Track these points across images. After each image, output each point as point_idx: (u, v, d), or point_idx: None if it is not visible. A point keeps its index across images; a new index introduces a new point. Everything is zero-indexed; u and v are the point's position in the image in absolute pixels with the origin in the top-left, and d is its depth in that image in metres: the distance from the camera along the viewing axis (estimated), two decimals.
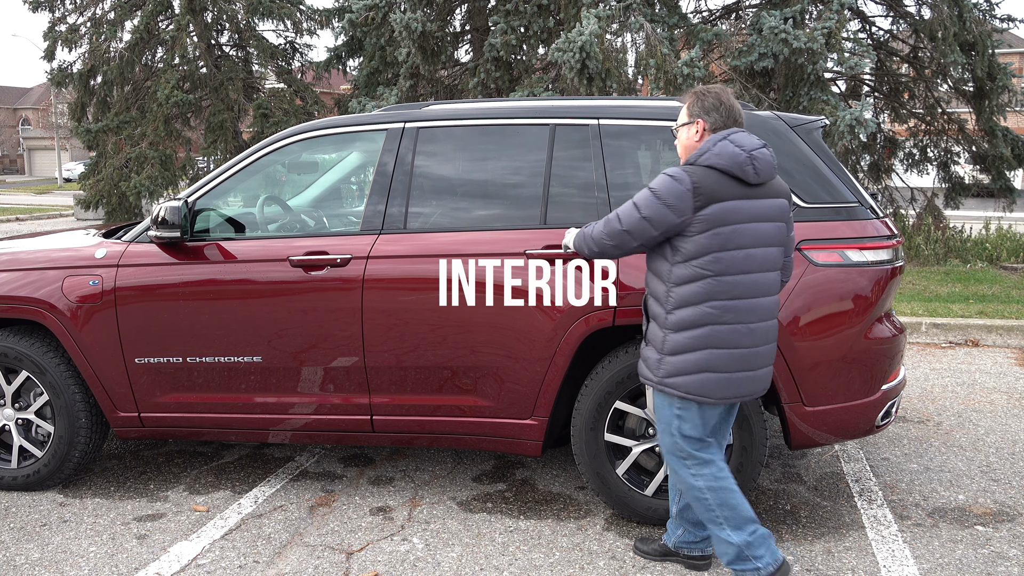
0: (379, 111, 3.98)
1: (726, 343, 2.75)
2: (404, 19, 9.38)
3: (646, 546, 3.24)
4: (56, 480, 3.90)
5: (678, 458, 2.88)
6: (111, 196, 13.70)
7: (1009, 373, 6.03)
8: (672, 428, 2.85)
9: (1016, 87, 10.66)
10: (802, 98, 8.84)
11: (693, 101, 2.85)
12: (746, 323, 2.77)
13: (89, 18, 14.62)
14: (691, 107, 2.85)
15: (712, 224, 2.69)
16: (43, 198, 29.23)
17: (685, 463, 2.87)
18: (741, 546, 2.82)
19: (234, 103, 13.91)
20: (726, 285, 2.72)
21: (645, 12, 8.95)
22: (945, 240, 10.96)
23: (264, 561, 3.26)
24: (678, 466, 2.89)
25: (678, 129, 2.91)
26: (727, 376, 2.78)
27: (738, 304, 2.74)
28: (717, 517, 2.85)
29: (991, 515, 3.66)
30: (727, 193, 2.70)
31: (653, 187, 2.74)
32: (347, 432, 3.73)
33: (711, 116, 2.81)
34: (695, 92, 2.88)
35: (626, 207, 2.80)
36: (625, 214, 2.79)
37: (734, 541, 2.83)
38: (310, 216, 4.36)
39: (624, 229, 2.78)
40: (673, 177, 2.71)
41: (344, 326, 3.55)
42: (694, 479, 2.85)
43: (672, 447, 2.88)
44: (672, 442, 2.87)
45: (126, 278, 3.69)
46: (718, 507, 2.84)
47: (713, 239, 2.70)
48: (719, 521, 2.85)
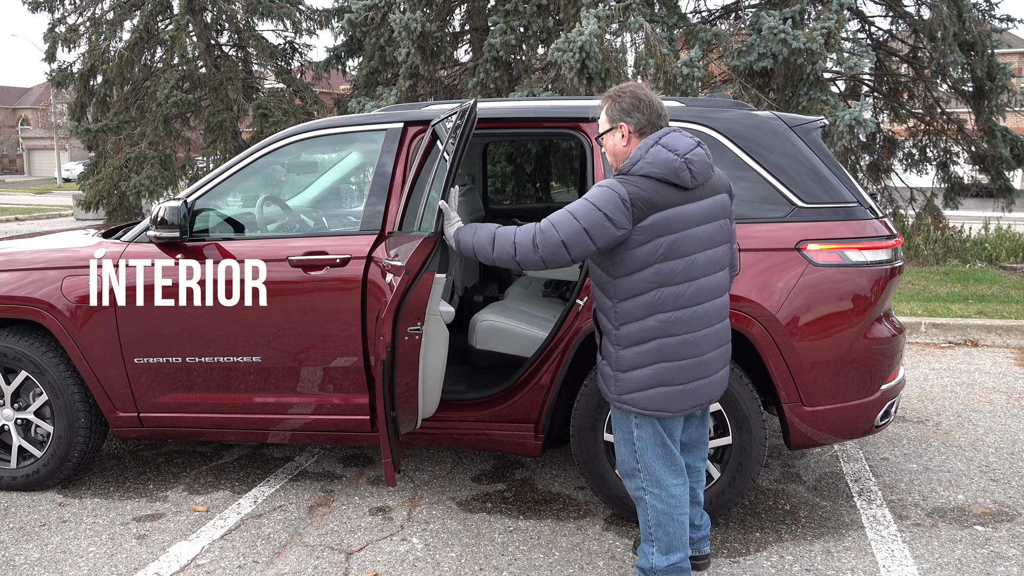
0: (378, 111, 3.98)
1: (675, 355, 2.65)
2: (403, 19, 9.38)
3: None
4: (55, 480, 3.90)
5: (632, 470, 2.79)
6: (111, 196, 13.70)
7: (1008, 373, 6.04)
8: (633, 439, 2.76)
9: (1015, 87, 10.66)
10: (801, 98, 8.84)
11: (610, 105, 2.70)
12: (693, 332, 2.66)
13: (88, 18, 14.62)
14: (609, 111, 2.70)
15: (653, 235, 2.56)
16: (42, 198, 29.22)
17: (640, 476, 2.78)
18: (657, 569, 2.80)
19: (233, 103, 13.91)
20: (670, 296, 2.61)
21: (645, 12, 8.95)
22: (944, 240, 10.96)
23: (263, 561, 3.26)
24: (630, 477, 2.81)
25: (602, 137, 2.75)
26: (681, 388, 2.68)
27: (683, 314, 2.63)
28: (650, 535, 2.81)
29: (990, 515, 3.66)
30: (666, 201, 2.56)
31: (590, 198, 2.56)
32: (347, 432, 3.73)
33: (633, 117, 2.66)
34: (610, 95, 2.72)
35: (562, 217, 2.59)
36: (562, 224, 2.57)
37: (653, 562, 2.81)
38: (309, 216, 4.36)
39: (562, 240, 2.57)
40: (609, 188, 2.55)
41: (344, 326, 3.54)
42: (644, 493, 2.78)
43: (628, 457, 2.79)
44: (630, 453, 2.78)
45: (126, 278, 3.69)
46: (655, 526, 2.79)
47: (654, 250, 2.57)
48: (650, 537, 2.82)
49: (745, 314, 3.25)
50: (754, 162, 3.39)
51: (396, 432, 3.07)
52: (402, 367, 3.06)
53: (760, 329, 3.26)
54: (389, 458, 3.02)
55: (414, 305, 3.04)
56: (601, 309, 2.74)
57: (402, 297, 2.95)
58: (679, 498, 2.77)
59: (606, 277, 2.67)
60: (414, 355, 3.14)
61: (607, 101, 2.73)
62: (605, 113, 2.73)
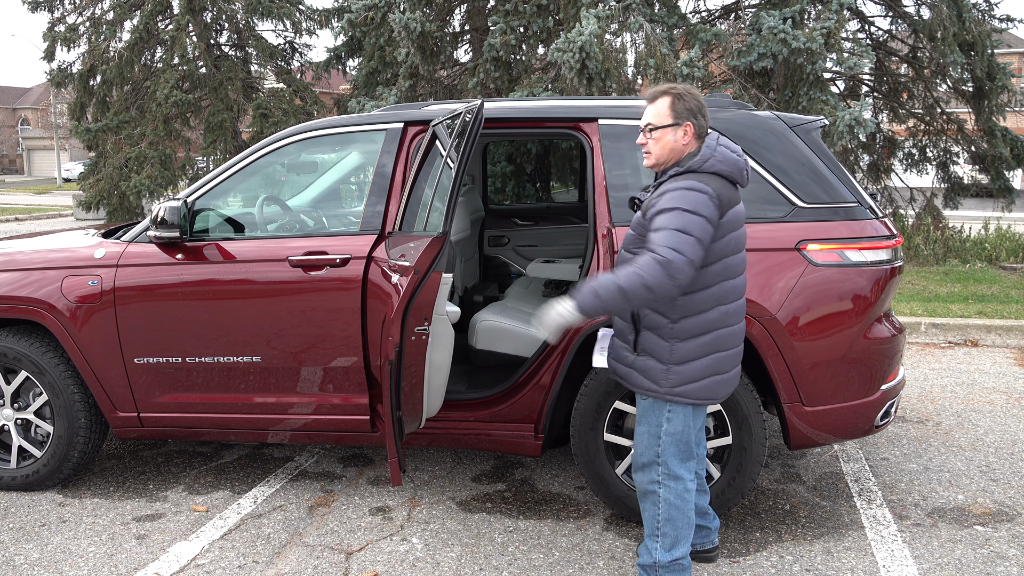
0: (378, 111, 3.98)
1: (727, 344, 2.76)
2: (403, 19, 9.38)
3: None
4: (55, 480, 3.90)
5: (651, 463, 2.81)
6: (111, 196, 13.69)
7: (1008, 373, 6.04)
8: (660, 432, 2.78)
9: (1015, 87, 10.66)
10: (801, 98, 8.84)
11: (674, 101, 2.70)
12: (739, 322, 2.81)
13: (88, 18, 14.61)
14: (675, 107, 2.70)
15: (726, 230, 2.67)
16: (42, 198, 29.22)
17: (657, 470, 2.80)
18: (661, 564, 2.82)
19: (233, 103, 13.90)
20: (730, 289, 2.74)
21: (644, 12, 8.95)
22: (944, 240, 10.96)
23: (263, 561, 3.26)
24: (645, 470, 2.82)
25: (658, 130, 2.72)
26: (727, 376, 2.79)
27: (734, 305, 2.77)
28: (658, 530, 2.82)
29: (990, 515, 3.66)
30: (730, 198, 2.68)
31: (686, 206, 2.56)
32: (346, 432, 3.73)
33: (698, 120, 2.71)
34: (673, 92, 2.72)
35: (677, 239, 2.52)
36: (683, 245, 2.52)
37: (657, 557, 2.83)
38: (309, 216, 4.36)
39: (690, 259, 2.52)
40: (697, 190, 2.59)
41: (344, 326, 3.54)
42: (659, 488, 2.80)
43: (648, 450, 2.81)
44: (652, 446, 2.80)
45: (125, 278, 3.69)
46: (665, 521, 2.81)
47: (725, 246, 2.68)
48: (656, 533, 2.83)
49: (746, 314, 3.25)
50: (754, 162, 3.39)
51: (401, 432, 3.07)
52: (408, 367, 3.06)
53: (760, 329, 3.27)
54: (395, 458, 3.02)
55: (421, 305, 3.04)
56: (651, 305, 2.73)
57: (410, 297, 2.95)
58: (691, 492, 2.83)
59: None
60: (420, 355, 3.14)
61: (668, 97, 2.72)
62: (669, 108, 2.71)
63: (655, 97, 2.76)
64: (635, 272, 2.52)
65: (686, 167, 2.69)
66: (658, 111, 2.73)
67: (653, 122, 2.74)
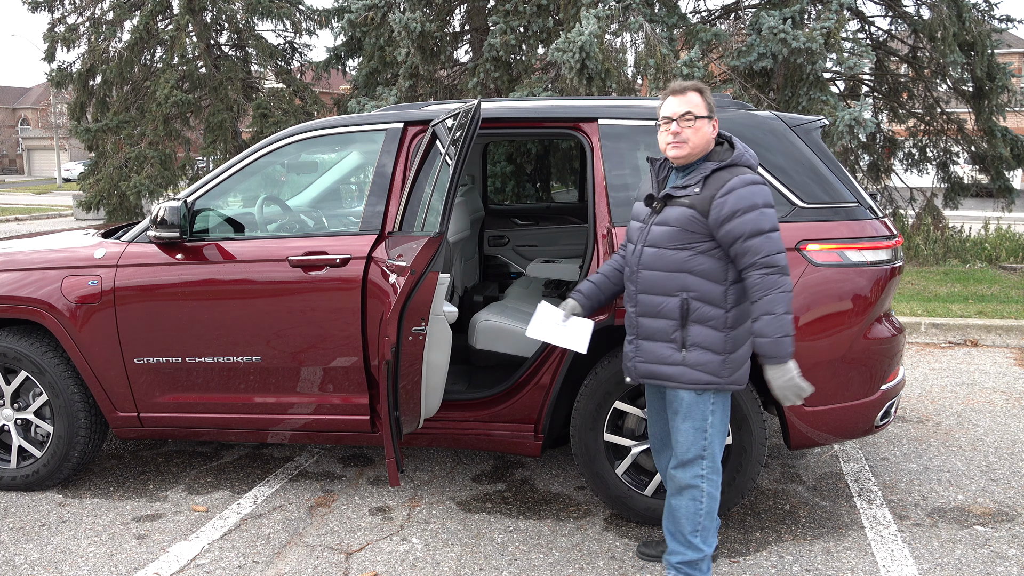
0: (378, 111, 3.98)
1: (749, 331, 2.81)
2: (403, 19, 9.38)
3: (651, 549, 3.23)
4: (55, 480, 3.90)
5: (696, 458, 2.82)
6: (111, 196, 13.70)
7: (1008, 373, 6.03)
8: (706, 425, 2.81)
9: (1015, 87, 10.66)
10: (801, 98, 8.84)
11: (707, 95, 2.79)
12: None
13: (88, 18, 14.60)
14: (708, 101, 2.78)
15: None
16: (42, 198, 29.22)
17: (702, 464, 2.82)
18: (706, 555, 2.85)
19: (233, 103, 13.90)
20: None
21: (644, 12, 8.95)
22: (944, 240, 10.96)
23: (263, 561, 3.26)
24: (690, 466, 2.82)
25: (700, 120, 2.74)
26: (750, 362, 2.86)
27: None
28: (700, 524, 2.84)
29: (990, 515, 3.66)
30: None
31: (763, 203, 2.66)
32: (346, 432, 3.73)
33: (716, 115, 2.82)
34: (700, 86, 2.80)
35: (775, 241, 2.65)
36: (780, 242, 2.66)
37: (704, 550, 2.84)
38: (309, 216, 4.36)
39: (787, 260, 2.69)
40: (760, 183, 2.69)
41: (343, 326, 3.54)
42: (703, 482, 2.82)
43: (695, 445, 2.81)
44: (699, 440, 2.81)
45: (125, 278, 3.69)
46: (706, 515, 2.83)
47: None
48: (698, 528, 2.84)
49: None
50: None
51: (399, 432, 3.07)
52: (406, 367, 3.06)
53: None
54: (393, 458, 3.02)
55: (419, 305, 3.04)
56: (704, 298, 2.74)
57: (407, 297, 2.95)
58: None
59: (720, 263, 2.73)
60: (418, 355, 3.14)
61: (700, 91, 2.78)
62: (703, 100, 2.76)
63: (685, 90, 2.77)
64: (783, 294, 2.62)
65: (728, 161, 2.73)
66: (697, 102, 2.75)
67: (694, 112, 2.74)
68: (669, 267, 2.76)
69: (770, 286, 2.61)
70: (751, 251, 2.63)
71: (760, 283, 2.62)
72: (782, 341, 2.61)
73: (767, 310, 2.61)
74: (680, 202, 2.75)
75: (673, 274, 2.75)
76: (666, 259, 2.76)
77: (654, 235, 2.80)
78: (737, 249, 2.65)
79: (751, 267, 2.64)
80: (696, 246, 2.71)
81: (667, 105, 2.79)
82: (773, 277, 2.62)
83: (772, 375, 2.65)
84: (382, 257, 3.45)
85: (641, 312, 2.84)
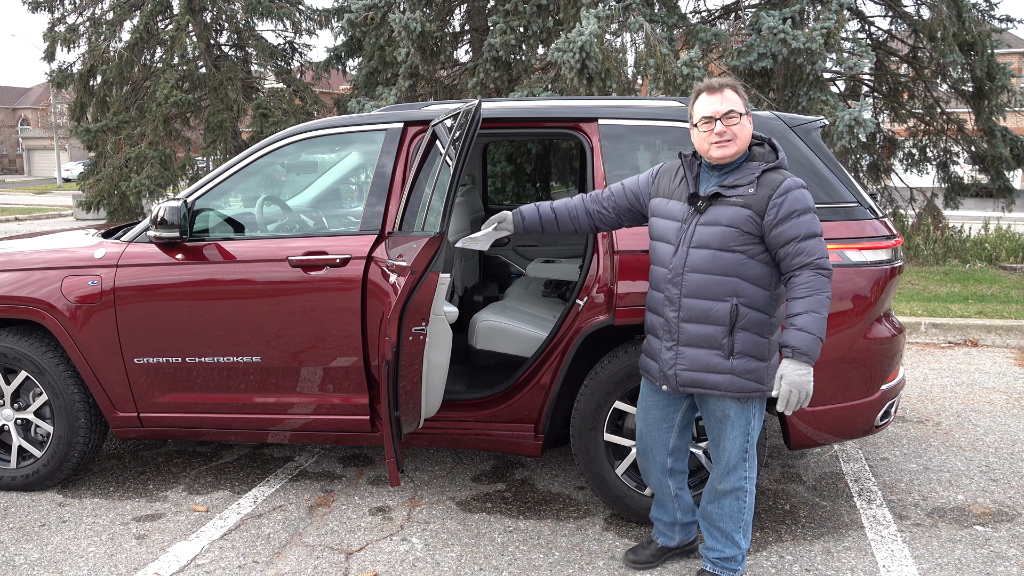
0: (378, 111, 3.97)
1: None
2: (403, 19, 9.38)
3: (638, 555, 3.21)
4: (55, 480, 3.90)
5: (741, 461, 2.83)
6: (111, 196, 13.70)
7: (1008, 373, 6.04)
8: (749, 429, 2.82)
9: (1015, 87, 10.66)
10: (801, 98, 8.84)
11: (743, 90, 2.75)
12: None
13: (88, 18, 14.61)
14: (744, 97, 2.74)
15: None
16: (42, 198, 29.22)
17: (745, 466, 2.84)
18: (743, 551, 2.91)
19: (233, 103, 13.90)
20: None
21: (644, 12, 8.95)
22: (944, 240, 10.97)
23: (263, 561, 3.26)
24: (734, 471, 2.83)
25: (744, 116, 2.71)
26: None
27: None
28: (742, 521, 2.87)
29: (990, 515, 3.66)
30: None
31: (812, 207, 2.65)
32: (346, 432, 3.73)
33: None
34: (736, 84, 2.73)
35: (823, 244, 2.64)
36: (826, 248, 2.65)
37: (743, 547, 2.90)
38: (309, 216, 4.36)
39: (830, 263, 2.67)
40: (806, 187, 2.69)
41: (343, 326, 3.54)
42: (747, 482, 2.85)
43: (741, 451, 2.83)
44: (743, 445, 2.83)
45: (125, 278, 3.69)
46: (748, 511, 2.87)
47: None
48: (741, 526, 2.87)
49: None
50: None
51: (399, 432, 3.07)
52: (406, 367, 3.06)
53: None
54: (393, 458, 3.02)
55: (419, 305, 3.04)
56: (751, 305, 2.70)
57: (407, 297, 2.95)
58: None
59: (767, 268, 2.70)
60: (418, 355, 3.14)
61: (737, 89, 2.73)
62: (742, 97, 2.73)
63: (722, 87, 2.71)
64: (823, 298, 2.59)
65: (776, 163, 2.72)
66: (732, 99, 2.70)
67: (737, 108, 2.69)
68: (722, 270, 2.67)
69: (820, 287, 2.59)
70: (806, 251, 2.60)
71: (811, 282, 2.59)
72: (818, 343, 2.58)
73: (814, 308, 2.57)
74: (733, 202, 2.67)
75: (726, 278, 2.67)
76: (720, 262, 2.68)
77: (703, 236, 2.70)
78: (790, 249, 2.61)
79: (805, 267, 2.60)
80: (749, 248, 2.66)
81: (704, 104, 2.71)
82: (824, 280, 2.60)
83: (791, 369, 2.58)
84: (382, 257, 3.45)
85: (686, 317, 2.73)
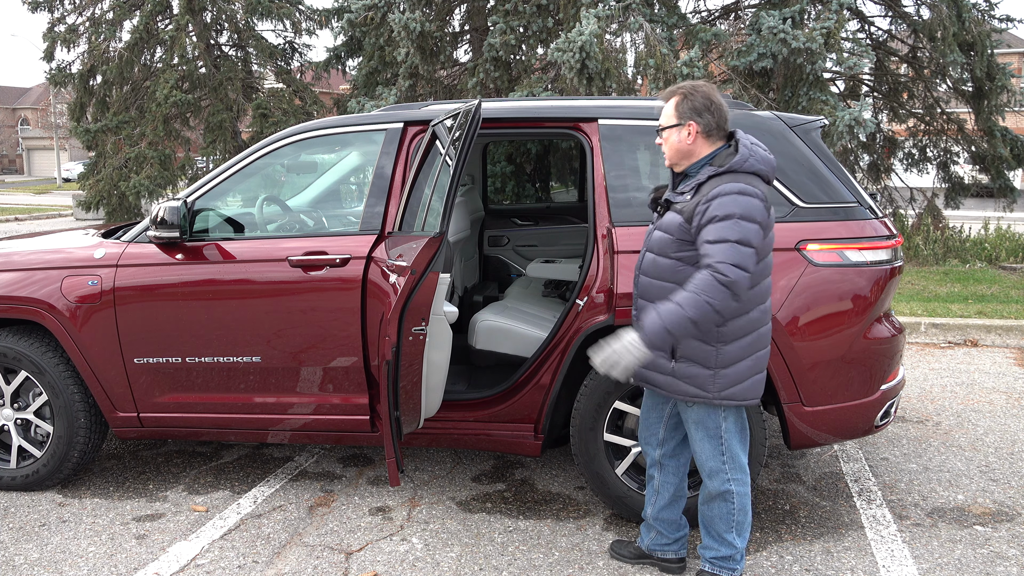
0: (378, 111, 3.98)
1: (765, 343, 2.78)
2: (403, 19, 9.38)
3: (622, 549, 3.23)
4: (55, 480, 3.90)
5: (719, 464, 2.82)
6: (111, 196, 13.70)
7: (1008, 373, 6.04)
8: (721, 432, 2.80)
9: (1015, 87, 10.66)
10: (801, 98, 8.84)
11: (680, 101, 2.70)
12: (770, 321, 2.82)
13: (88, 18, 14.61)
14: (679, 107, 2.70)
15: (767, 228, 2.63)
16: (42, 198, 29.21)
17: (725, 469, 2.82)
18: (740, 550, 2.88)
19: (233, 103, 13.90)
20: (766, 287, 2.75)
21: (644, 12, 8.95)
22: (944, 240, 10.97)
23: (263, 561, 3.26)
24: (715, 475, 2.83)
25: (666, 130, 2.74)
26: (763, 374, 2.80)
27: (767, 304, 2.78)
28: (733, 522, 2.86)
29: (990, 515, 3.66)
30: (770, 196, 2.71)
31: (740, 214, 2.51)
32: (346, 432, 3.73)
33: (703, 118, 2.67)
34: (682, 91, 2.72)
35: (735, 252, 2.48)
36: (743, 258, 2.49)
37: (738, 546, 2.88)
38: (309, 216, 4.37)
39: (750, 272, 2.52)
40: (749, 194, 2.54)
41: (343, 326, 3.54)
42: (731, 484, 2.83)
43: (714, 454, 2.82)
44: (716, 448, 2.82)
45: (125, 278, 3.69)
46: (739, 512, 2.85)
47: (767, 245, 2.66)
48: (733, 526, 2.86)
49: None
50: None
51: (399, 432, 3.07)
52: (406, 367, 3.06)
53: None
54: (393, 458, 3.02)
55: (419, 305, 3.04)
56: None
57: (407, 297, 2.95)
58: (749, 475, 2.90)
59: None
60: (418, 355, 3.14)
61: (676, 96, 2.73)
62: (673, 108, 2.72)
63: (668, 97, 2.77)
64: (702, 300, 2.46)
65: (727, 166, 2.62)
66: (666, 112, 2.75)
67: (662, 122, 2.77)
68: (660, 275, 2.74)
69: (705, 290, 2.47)
70: (709, 254, 2.51)
71: (699, 281, 2.49)
72: (664, 334, 2.50)
73: (682, 303, 2.48)
74: (675, 208, 2.72)
75: (663, 283, 2.71)
76: (659, 266, 2.74)
77: (652, 241, 2.80)
78: (701, 251, 2.56)
79: (705, 268, 2.51)
80: (683, 255, 2.66)
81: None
82: (714, 285, 2.46)
83: (626, 338, 2.54)
84: (382, 257, 3.45)
85: (638, 316, 2.81)
